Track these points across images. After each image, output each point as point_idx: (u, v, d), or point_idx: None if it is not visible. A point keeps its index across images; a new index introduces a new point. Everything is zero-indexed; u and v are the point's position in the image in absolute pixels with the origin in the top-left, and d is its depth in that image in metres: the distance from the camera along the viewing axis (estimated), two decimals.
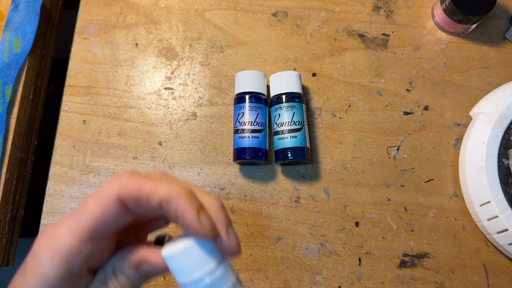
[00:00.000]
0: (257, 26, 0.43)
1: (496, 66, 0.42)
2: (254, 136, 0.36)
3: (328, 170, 0.39)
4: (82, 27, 0.42)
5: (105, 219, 0.22)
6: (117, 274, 0.24)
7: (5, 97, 0.38)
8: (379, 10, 0.43)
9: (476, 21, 0.40)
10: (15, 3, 0.40)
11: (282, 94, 0.37)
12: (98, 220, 0.22)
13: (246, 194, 0.38)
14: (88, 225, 0.22)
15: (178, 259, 0.22)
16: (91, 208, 0.22)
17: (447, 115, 0.40)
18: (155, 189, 0.22)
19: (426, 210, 0.38)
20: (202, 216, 0.22)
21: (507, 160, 0.36)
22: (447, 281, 0.37)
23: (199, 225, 0.21)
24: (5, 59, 0.39)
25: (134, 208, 0.22)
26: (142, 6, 0.43)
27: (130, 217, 0.23)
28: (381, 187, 0.39)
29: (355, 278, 0.37)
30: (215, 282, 0.22)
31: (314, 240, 0.37)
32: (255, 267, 0.37)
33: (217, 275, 0.22)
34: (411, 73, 0.41)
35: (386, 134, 0.40)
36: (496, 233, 0.35)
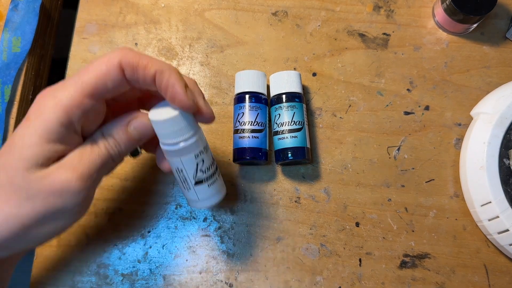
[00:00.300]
0: (257, 26, 0.43)
1: (496, 66, 0.41)
2: (254, 136, 0.36)
3: (328, 170, 0.39)
4: (81, 26, 0.42)
5: (106, 80, 0.25)
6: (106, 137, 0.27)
7: (4, 97, 0.38)
8: (379, 10, 0.43)
9: (476, 21, 0.40)
10: (14, 2, 0.40)
11: (282, 94, 0.37)
12: (100, 80, 0.25)
13: (246, 194, 0.38)
14: (91, 82, 0.25)
15: (162, 125, 0.27)
16: (96, 69, 0.25)
17: (448, 115, 0.40)
18: (151, 62, 0.26)
19: (426, 210, 0.38)
20: (188, 90, 0.27)
21: (508, 160, 0.36)
22: (448, 282, 0.37)
23: (185, 96, 0.26)
24: (4, 59, 0.39)
25: (130, 77, 0.26)
26: (142, 6, 0.43)
27: (125, 86, 0.26)
28: (381, 187, 0.39)
29: (356, 279, 0.37)
30: (188, 147, 0.28)
31: (314, 241, 0.37)
32: (255, 267, 0.37)
33: (190, 142, 0.28)
34: (411, 73, 0.41)
35: (387, 134, 0.40)
36: (496, 233, 0.35)
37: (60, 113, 0.25)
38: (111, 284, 0.36)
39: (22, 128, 0.25)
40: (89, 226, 0.37)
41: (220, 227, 0.38)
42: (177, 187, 0.38)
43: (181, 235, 0.37)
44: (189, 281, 0.36)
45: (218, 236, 0.37)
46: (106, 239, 0.37)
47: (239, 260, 0.37)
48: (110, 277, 0.36)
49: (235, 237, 0.37)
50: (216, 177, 0.31)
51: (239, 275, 0.36)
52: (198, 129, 0.29)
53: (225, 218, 0.38)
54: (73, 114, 0.25)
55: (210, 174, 0.30)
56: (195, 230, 0.38)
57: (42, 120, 0.25)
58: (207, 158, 0.30)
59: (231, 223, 0.38)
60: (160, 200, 0.38)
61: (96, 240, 0.37)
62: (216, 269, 0.37)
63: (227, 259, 0.37)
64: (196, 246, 0.37)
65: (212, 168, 0.30)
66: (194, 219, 0.38)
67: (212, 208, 0.38)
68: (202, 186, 0.30)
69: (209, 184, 0.30)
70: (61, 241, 0.37)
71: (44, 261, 0.37)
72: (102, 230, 0.37)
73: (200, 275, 0.36)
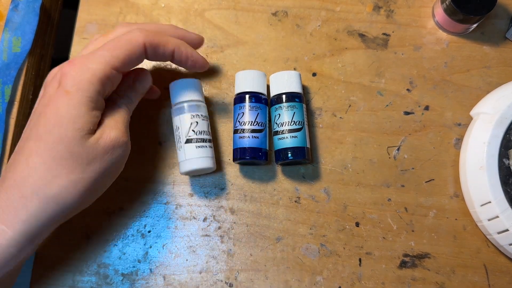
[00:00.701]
0: (257, 26, 0.43)
1: (496, 66, 0.41)
2: (254, 136, 0.36)
3: (328, 170, 0.39)
4: (81, 26, 0.42)
5: (132, 57, 0.30)
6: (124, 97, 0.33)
7: (5, 97, 0.38)
8: (379, 10, 0.43)
9: (476, 21, 0.40)
10: (15, 2, 0.40)
11: (282, 94, 0.37)
12: (128, 56, 0.30)
13: (246, 194, 0.38)
14: (120, 57, 0.30)
15: (174, 86, 0.37)
16: (124, 47, 0.30)
17: (448, 115, 0.40)
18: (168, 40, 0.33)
19: (426, 210, 0.38)
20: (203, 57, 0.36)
21: (508, 160, 0.36)
22: (448, 282, 0.37)
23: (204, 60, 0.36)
24: (4, 59, 0.39)
25: (151, 54, 0.32)
26: (142, 6, 0.43)
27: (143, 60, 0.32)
28: (381, 187, 0.39)
29: (356, 279, 0.37)
30: (188, 108, 0.36)
31: (314, 241, 0.37)
32: (255, 267, 0.37)
33: (190, 104, 0.36)
34: (411, 73, 0.41)
35: (387, 134, 0.40)
36: (496, 233, 0.35)
37: (97, 85, 0.28)
38: (111, 284, 0.36)
39: (63, 100, 0.28)
40: (89, 225, 0.38)
41: (220, 227, 0.38)
42: (177, 187, 0.38)
43: (181, 235, 0.37)
44: (189, 280, 0.36)
45: (218, 236, 0.37)
46: (106, 238, 0.37)
47: (239, 260, 0.37)
48: (110, 277, 0.36)
49: (235, 237, 0.37)
50: (206, 145, 0.35)
51: (239, 275, 0.37)
52: (200, 99, 0.37)
53: (225, 218, 0.38)
54: (105, 84, 0.29)
55: (201, 138, 0.35)
56: (195, 230, 0.38)
57: (84, 92, 0.28)
58: (202, 124, 0.36)
59: (231, 223, 0.38)
60: (160, 200, 0.38)
61: (96, 240, 0.37)
62: (216, 269, 0.37)
63: (227, 259, 0.37)
64: (196, 246, 0.37)
65: (204, 135, 0.35)
66: (195, 219, 0.38)
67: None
68: (191, 145, 0.35)
69: (197, 146, 0.35)
70: (61, 241, 0.37)
71: (44, 261, 0.37)
72: (102, 230, 0.37)
73: (200, 275, 0.37)
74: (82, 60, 0.29)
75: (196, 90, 0.36)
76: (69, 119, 0.27)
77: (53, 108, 0.28)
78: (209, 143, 0.36)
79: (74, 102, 0.28)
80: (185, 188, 0.39)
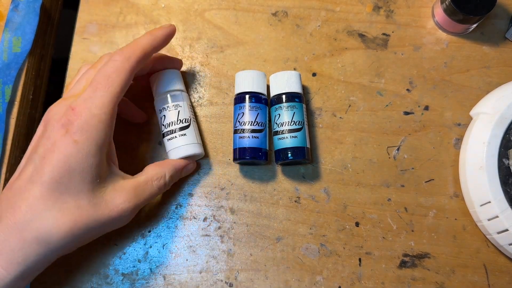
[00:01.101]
0: (257, 26, 0.43)
1: (496, 66, 0.42)
2: (254, 136, 0.36)
3: (328, 170, 0.39)
4: (81, 27, 0.42)
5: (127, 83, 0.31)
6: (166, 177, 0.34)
7: (5, 97, 0.38)
8: (379, 10, 0.43)
9: (476, 21, 0.40)
10: (15, 3, 0.40)
11: (282, 94, 0.37)
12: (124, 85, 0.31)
13: (246, 194, 0.38)
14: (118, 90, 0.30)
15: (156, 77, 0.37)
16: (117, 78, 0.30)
17: (448, 115, 0.40)
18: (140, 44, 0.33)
19: (426, 210, 0.38)
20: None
21: (508, 160, 0.36)
22: (448, 281, 0.37)
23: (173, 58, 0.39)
24: (4, 59, 0.39)
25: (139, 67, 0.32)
26: (142, 6, 0.43)
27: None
28: (381, 187, 0.39)
29: (355, 279, 0.37)
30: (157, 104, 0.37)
31: (314, 240, 0.37)
32: (255, 267, 0.37)
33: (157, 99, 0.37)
34: (411, 73, 0.41)
35: (386, 134, 0.40)
36: (496, 233, 0.35)
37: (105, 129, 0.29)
38: (111, 283, 0.36)
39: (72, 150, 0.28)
40: None
41: (220, 227, 0.38)
42: (177, 187, 0.38)
43: (181, 234, 0.37)
44: (189, 280, 0.36)
45: (218, 236, 0.37)
46: (106, 238, 0.37)
47: (239, 259, 0.37)
48: (111, 277, 0.36)
49: (235, 237, 0.37)
50: (176, 136, 0.36)
51: (239, 275, 0.37)
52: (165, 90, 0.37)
53: (225, 218, 0.38)
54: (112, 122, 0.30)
55: (170, 130, 0.36)
56: (195, 229, 0.38)
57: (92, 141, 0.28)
58: (169, 115, 0.36)
59: (231, 223, 0.38)
60: (160, 200, 0.38)
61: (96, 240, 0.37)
62: (216, 269, 0.37)
63: (227, 258, 0.37)
64: (196, 245, 0.37)
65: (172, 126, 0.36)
66: (195, 218, 0.38)
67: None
68: (164, 139, 0.36)
69: (168, 139, 0.36)
70: None
71: None
72: None
73: (200, 275, 0.37)
74: (86, 105, 0.29)
75: (162, 82, 0.37)
76: (79, 172, 0.28)
77: (61, 157, 0.28)
78: (181, 131, 0.36)
79: (84, 153, 0.28)
80: (185, 188, 0.39)
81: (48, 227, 0.27)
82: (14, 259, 0.27)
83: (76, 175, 0.28)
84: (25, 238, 0.27)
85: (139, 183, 0.32)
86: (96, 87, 0.29)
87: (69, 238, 0.28)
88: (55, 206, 0.28)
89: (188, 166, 0.37)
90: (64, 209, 0.28)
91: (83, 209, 0.28)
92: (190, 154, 0.36)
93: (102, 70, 0.30)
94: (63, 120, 0.28)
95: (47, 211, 0.27)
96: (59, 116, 0.29)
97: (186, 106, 0.37)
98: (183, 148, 0.36)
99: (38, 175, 0.28)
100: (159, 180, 0.33)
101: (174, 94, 0.37)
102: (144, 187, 0.32)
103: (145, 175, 0.33)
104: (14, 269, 0.27)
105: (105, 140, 0.29)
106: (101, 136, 0.29)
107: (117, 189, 0.30)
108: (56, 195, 0.28)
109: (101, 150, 0.29)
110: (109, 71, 0.30)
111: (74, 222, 0.28)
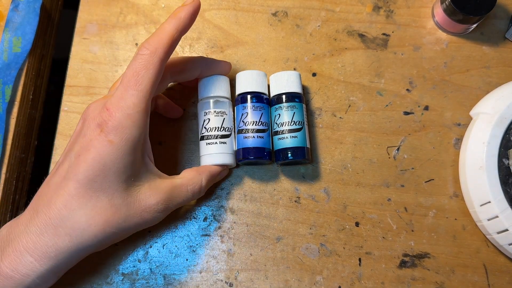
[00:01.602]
0: (257, 26, 0.43)
1: (496, 66, 0.42)
2: (259, 136, 0.36)
3: (328, 170, 0.39)
4: (82, 27, 0.42)
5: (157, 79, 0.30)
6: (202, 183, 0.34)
7: (5, 97, 0.38)
8: (379, 10, 0.43)
9: (476, 21, 0.40)
10: (15, 3, 0.40)
11: (282, 94, 0.37)
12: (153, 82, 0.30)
13: (246, 194, 0.38)
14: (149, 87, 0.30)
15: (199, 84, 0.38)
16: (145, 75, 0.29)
17: (447, 115, 0.40)
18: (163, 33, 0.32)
19: (426, 210, 0.38)
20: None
21: (507, 160, 0.36)
22: (447, 281, 0.37)
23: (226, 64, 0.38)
24: (5, 59, 0.39)
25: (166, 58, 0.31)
26: (142, 6, 0.43)
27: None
28: (381, 187, 0.39)
29: (355, 278, 0.37)
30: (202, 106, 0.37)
31: (314, 240, 0.37)
32: (255, 267, 0.37)
33: (203, 102, 0.37)
34: (411, 73, 0.41)
35: (386, 134, 0.40)
36: (496, 233, 0.35)
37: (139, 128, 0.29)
38: (111, 283, 0.36)
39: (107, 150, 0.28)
40: None
41: (220, 227, 0.38)
42: None
43: (181, 234, 0.38)
44: (189, 280, 0.36)
45: (218, 235, 0.38)
46: None
47: (239, 259, 0.37)
48: (110, 277, 0.36)
49: (235, 237, 0.37)
50: (217, 142, 0.36)
51: (239, 275, 0.37)
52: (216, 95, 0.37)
53: (225, 218, 0.38)
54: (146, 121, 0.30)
55: (212, 135, 0.36)
56: (195, 229, 0.38)
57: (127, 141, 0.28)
58: (215, 120, 0.36)
59: (231, 223, 0.38)
60: None
61: None
62: (216, 269, 0.37)
63: (227, 258, 0.37)
64: (196, 245, 0.37)
65: (215, 131, 0.36)
66: (195, 218, 0.38)
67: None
68: (202, 142, 0.36)
69: (207, 143, 0.36)
70: None
71: None
72: None
73: (200, 275, 0.37)
74: (119, 105, 0.29)
75: (212, 87, 0.37)
76: (114, 171, 0.28)
77: (96, 156, 0.28)
78: (222, 138, 0.36)
79: (119, 153, 0.28)
80: None
81: (81, 225, 0.28)
82: (47, 254, 0.27)
83: (111, 174, 0.28)
84: (59, 234, 0.27)
85: (175, 185, 0.32)
86: (127, 86, 0.29)
87: (101, 236, 0.28)
88: (89, 204, 0.28)
89: (222, 172, 0.37)
90: (97, 208, 0.28)
91: (117, 208, 0.28)
92: (226, 163, 0.36)
93: (131, 66, 0.30)
94: (98, 120, 0.29)
95: (81, 209, 0.28)
96: (95, 115, 0.29)
97: (231, 114, 0.37)
98: (221, 155, 0.36)
99: (73, 172, 0.28)
100: (194, 185, 0.33)
101: (223, 101, 0.37)
102: (179, 190, 0.32)
103: (181, 178, 0.33)
104: (46, 263, 0.27)
105: (140, 139, 0.29)
106: (135, 135, 0.29)
107: (152, 188, 0.30)
108: (90, 193, 0.28)
109: (135, 149, 0.29)
110: (138, 68, 0.29)
111: (106, 221, 0.28)
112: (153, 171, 0.32)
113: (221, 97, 0.37)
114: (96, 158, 0.28)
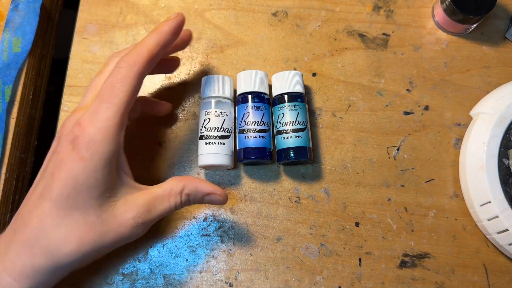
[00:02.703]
0: (257, 26, 0.43)
1: (496, 66, 0.42)
2: (260, 136, 0.36)
3: (328, 170, 0.39)
4: (82, 27, 0.42)
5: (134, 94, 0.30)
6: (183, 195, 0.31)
7: (5, 97, 0.38)
8: (379, 10, 0.43)
9: (476, 21, 0.40)
10: (15, 3, 0.40)
11: (285, 94, 0.37)
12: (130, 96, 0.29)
13: (246, 194, 0.38)
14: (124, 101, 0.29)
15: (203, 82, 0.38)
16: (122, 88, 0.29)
17: (447, 115, 0.40)
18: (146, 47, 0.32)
19: (426, 210, 0.38)
20: None
21: (508, 160, 0.36)
22: (447, 281, 0.37)
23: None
24: (4, 59, 0.39)
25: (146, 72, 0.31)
26: (142, 6, 0.43)
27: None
28: (381, 187, 0.39)
29: (355, 278, 0.37)
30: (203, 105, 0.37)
31: (314, 240, 0.37)
32: (255, 267, 0.37)
33: (205, 101, 0.37)
34: (411, 73, 0.41)
35: (386, 134, 0.40)
36: (496, 233, 0.35)
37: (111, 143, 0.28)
38: (111, 283, 0.36)
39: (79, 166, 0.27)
40: None
41: (220, 227, 0.38)
42: None
43: (181, 234, 0.38)
44: (189, 280, 0.36)
45: (218, 235, 0.37)
46: None
47: (239, 259, 0.37)
48: (110, 277, 0.36)
49: (235, 237, 0.37)
50: (216, 142, 0.36)
51: (239, 275, 0.37)
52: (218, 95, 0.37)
53: (225, 218, 0.38)
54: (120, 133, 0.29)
55: (211, 135, 0.36)
56: (195, 229, 0.38)
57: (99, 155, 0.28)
58: (215, 121, 0.36)
59: (231, 223, 0.38)
60: None
61: None
62: (216, 269, 0.37)
63: (227, 258, 0.37)
64: (196, 245, 0.37)
65: (215, 131, 0.36)
66: (195, 218, 0.38)
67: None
68: (201, 141, 0.36)
69: (206, 142, 0.36)
70: None
71: None
72: None
73: (200, 275, 0.37)
74: (91, 120, 0.28)
75: (215, 87, 0.37)
76: (87, 188, 0.27)
77: (69, 173, 0.27)
78: (221, 139, 0.36)
79: (91, 169, 0.27)
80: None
81: (56, 244, 0.27)
82: (25, 273, 0.27)
83: (84, 191, 0.27)
84: (35, 255, 0.27)
85: (154, 196, 0.30)
86: (102, 99, 0.28)
87: (77, 255, 0.28)
88: (63, 222, 0.27)
89: (215, 194, 0.32)
90: (71, 226, 0.28)
91: (91, 225, 0.28)
92: (223, 163, 0.36)
93: (108, 80, 0.29)
94: (71, 136, 0.28)
95: (55, 227, 0.27)
96: (68, 132, 0.29)
97: (232, 115, 0.37)
98: (218, 156, 0.36)
99: (47, 191, 0.28)
100: (176, 196, 0.31)
101: (225, 102, 0.37)
102: (159, 202, 0.30)
103: (162, 188, 0.31)
104: (24, 282, 0.27)
105: (113, 153, 0.28)
106: (107, 150, 0.28)
107: (129, 203, 0.29)
108: (64, 211, 0.27)
109: (109, 164, 0.28)
110: (114, 81, 0.29)
111: (81, 239, 0.28)
112: (129, 185, 0.30)
113: (223, 98, 0.37)
114: (69, 175, 0.27)
